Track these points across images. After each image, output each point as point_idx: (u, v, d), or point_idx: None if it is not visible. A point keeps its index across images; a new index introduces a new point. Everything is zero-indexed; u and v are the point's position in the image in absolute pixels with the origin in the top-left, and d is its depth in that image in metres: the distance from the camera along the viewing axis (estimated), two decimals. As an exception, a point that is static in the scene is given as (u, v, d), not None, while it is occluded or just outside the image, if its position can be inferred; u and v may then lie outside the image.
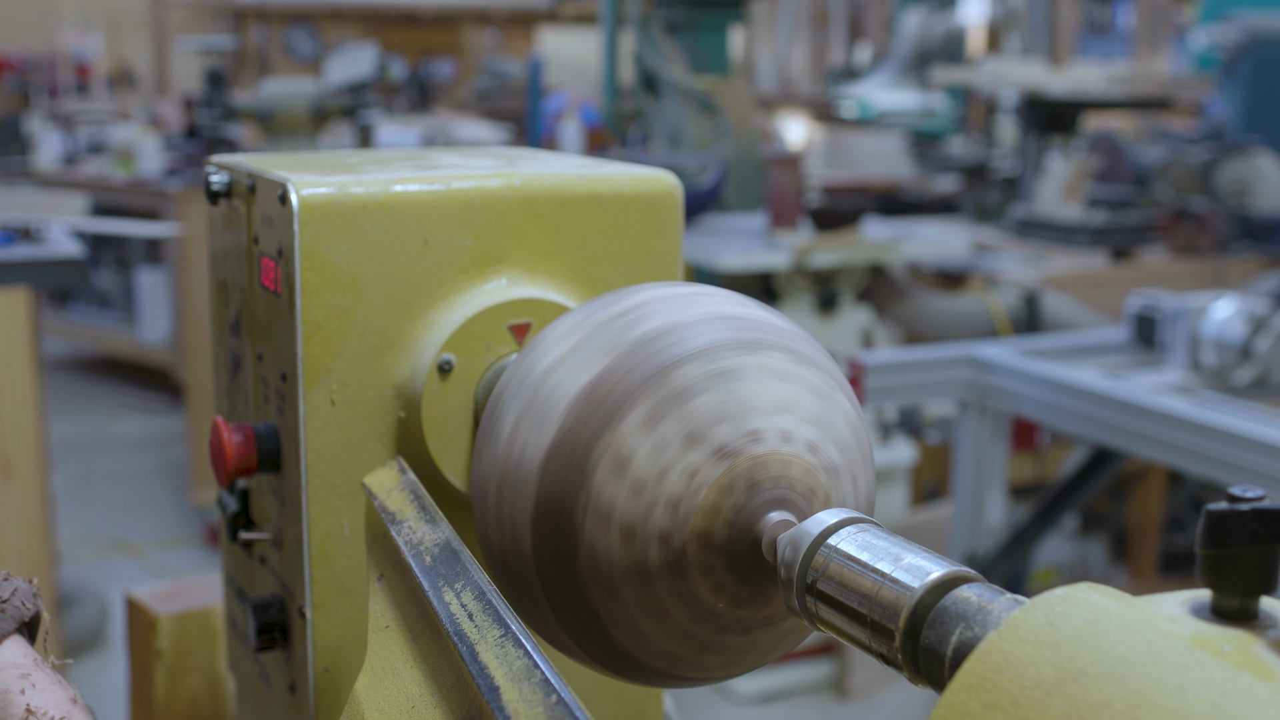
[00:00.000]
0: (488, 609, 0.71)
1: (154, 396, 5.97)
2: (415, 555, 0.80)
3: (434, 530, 0.83)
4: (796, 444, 0.76)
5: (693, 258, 3.33)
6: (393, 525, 0.85)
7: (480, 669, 0.66)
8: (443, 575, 0.77)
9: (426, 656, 0.75)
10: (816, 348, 0.83)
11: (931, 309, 3.56)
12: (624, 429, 0.75)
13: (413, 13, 11.08)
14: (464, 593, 0.74)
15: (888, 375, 2.48)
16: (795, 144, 6.40)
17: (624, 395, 0.76)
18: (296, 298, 0.93)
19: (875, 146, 6.32)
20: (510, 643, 0.67)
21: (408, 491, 0.90)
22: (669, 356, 0.77)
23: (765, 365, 0.78)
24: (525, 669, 0.64)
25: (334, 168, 1.00)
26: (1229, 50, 5.06)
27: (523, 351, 0.85)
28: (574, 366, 0.79)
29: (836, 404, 0.80)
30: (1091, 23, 10.24)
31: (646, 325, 0.79)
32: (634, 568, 0.75)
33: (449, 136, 6.00)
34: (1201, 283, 3.74)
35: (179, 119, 6.35)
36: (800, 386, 0.78)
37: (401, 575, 0.82)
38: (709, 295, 0.83)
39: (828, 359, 0.83)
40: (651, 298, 0.82)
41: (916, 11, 7.30)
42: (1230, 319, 2.45)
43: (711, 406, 0.76)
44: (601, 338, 0.80)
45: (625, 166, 1.06)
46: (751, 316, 0.82)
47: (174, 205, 4.97)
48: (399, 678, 0.76)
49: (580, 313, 0.83)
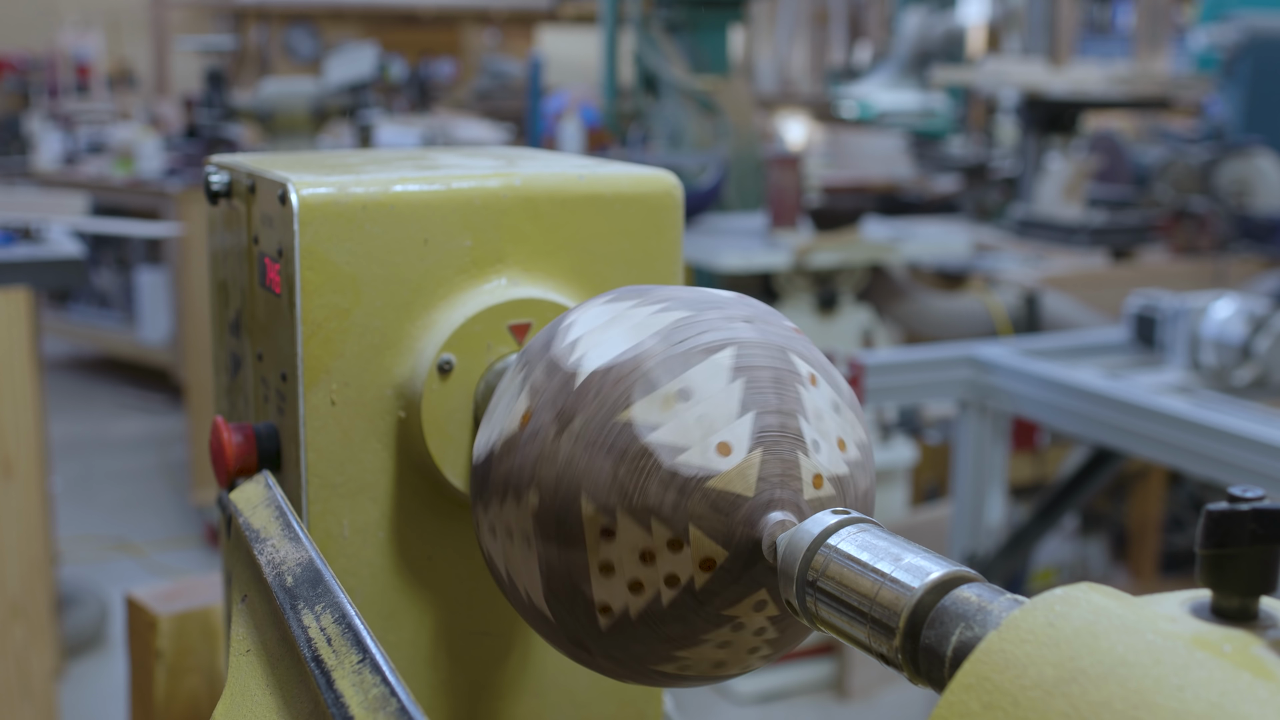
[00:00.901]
0: (347, 632, 0.69)
1: (154, 396, 5.97)
2: (276, 576, 0.77)
3: (296, 549, 0.80)
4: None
5: (693, 258, 3.33)
6: (256, 543, 0.82)
7: (335, 697, 0.64)
8: (304, 597, 0.74)
9: (284, 683, 0.73)
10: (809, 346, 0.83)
11: (931, 309, 3.56)
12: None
13: (413, 13, 11.08)
14: (324, 615, 0.72)
15: (888, 375, 2.48)
16: (795, 144, 6.40)
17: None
18: (296, 298, 0.93)
19: (875, 146, 6.32)
20: (368, 669, 0.65)
21: (273, 508, 0.87)
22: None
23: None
24: (381, 697, 0.63)
25: (334, 168, 1.00)
26: (1229, 50, 5.05)
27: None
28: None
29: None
30: (1091, 23, 10.24)
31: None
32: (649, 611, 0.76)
33: (449, 136, 6.00)
34: (1201, 283, 3.74)
35: (179, 119, 6.35)
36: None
37: (264, 596, 0.79)
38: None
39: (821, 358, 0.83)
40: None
41: (916, 11, 7.30)
42: (1230, 319, 2.45)
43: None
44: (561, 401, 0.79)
45: (625, 166, 1.06)
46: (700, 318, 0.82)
47: (174, 205, 4.97)
48: (256, 704, 0.73)
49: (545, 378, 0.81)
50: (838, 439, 0.79)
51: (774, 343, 0.80)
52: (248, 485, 0.93)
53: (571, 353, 0.80)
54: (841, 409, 0.80)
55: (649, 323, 0.80)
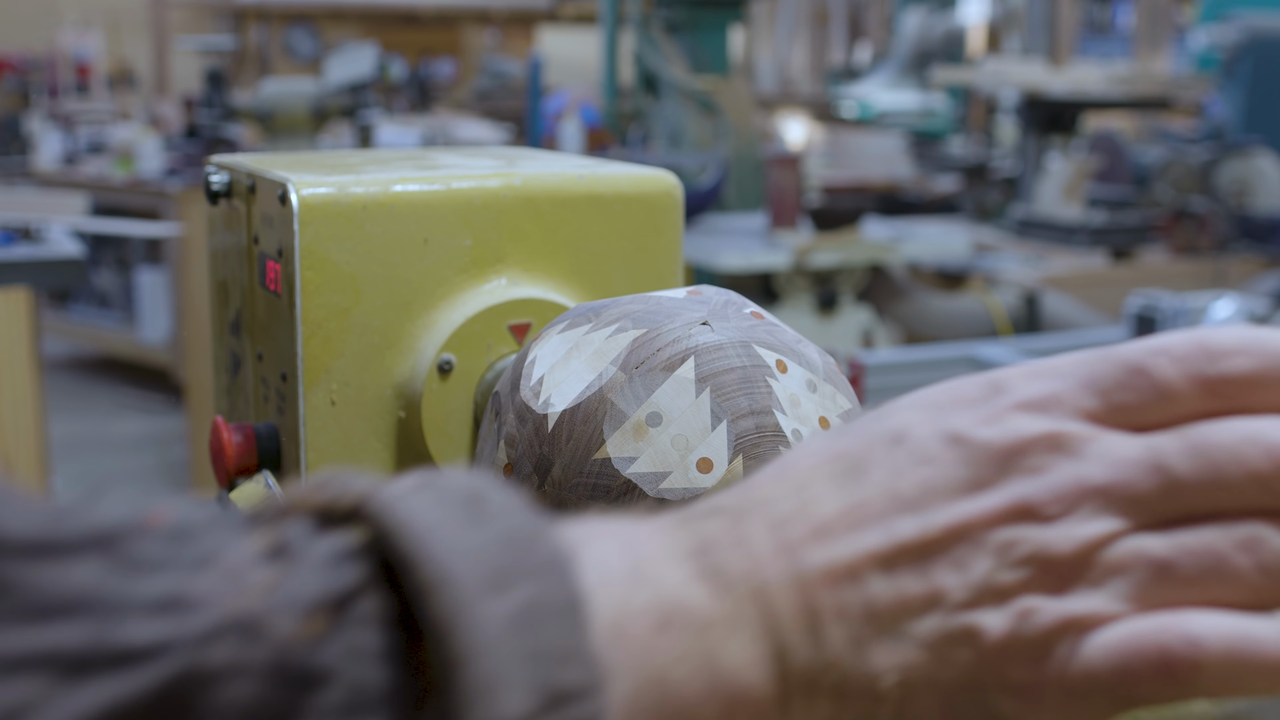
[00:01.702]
0: None
1: (154, 396, 5.97)
2: None
3: None
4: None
5: (693, 257, 3.33)
6: None
7: None
8: None
9: None
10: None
11: (931, 309, 3.56)
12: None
13: (413, 13, 11.09)
14: None
15: (888, 375, 2.48)
16: (795, 144, 6.40)
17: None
18: (296, 298, 0.93)
19: (875, 146, 6.33)
20: None
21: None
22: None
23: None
24: None
25: (334, 168, 1.00)
26: (1229, 50, 5.05)
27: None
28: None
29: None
30: (1091, 23, 10.24)
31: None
32: None
33: (449, 136, 6.00)
34: (1201, 283, 3.74)
35: (179, 119, 6.35)
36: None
37: None
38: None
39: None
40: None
41: (916, 11, 7.30)
42: (1230, 319, 2.45)
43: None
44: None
45: (625, 166, 1.06)
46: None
47: (174, 205, 4.97)
48: None
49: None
50: (819, 418, 0.77)
51: (734, 340, 0.78)
52: (248, 485, 0.93)
53: (539, 394, 0.79)
54: (817, 385, 0.79)
55: (606, 348, 0.79)
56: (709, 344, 0.78)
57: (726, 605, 0.35)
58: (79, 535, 0.30)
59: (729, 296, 0.83)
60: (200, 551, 0.31)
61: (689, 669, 0.34)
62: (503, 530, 0.33)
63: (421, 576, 0.31)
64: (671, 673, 0.34)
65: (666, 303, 0.82)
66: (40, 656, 0.27)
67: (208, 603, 0.29)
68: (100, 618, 0.28)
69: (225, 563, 0.31)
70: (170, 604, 0.29)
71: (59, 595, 0.28)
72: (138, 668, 0.28)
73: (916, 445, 0.38)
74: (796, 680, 0.36)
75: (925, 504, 0.37)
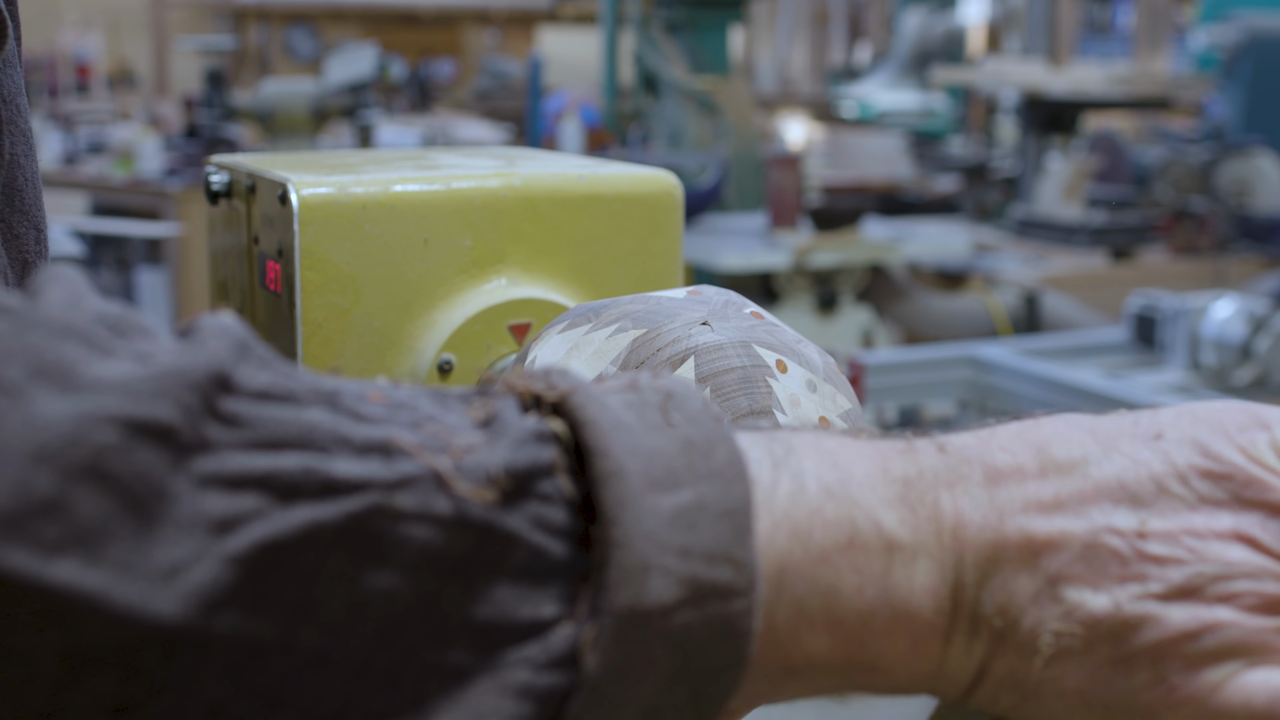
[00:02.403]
0: None
1: (154, 396, 5.96)
2: None
3: None
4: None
5: (693, 258, 3.33)
6: None
7: None
8: None
9: None
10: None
11: (931, 309, 3.56)
12: None
13: (413, 13, 11.09)
14: None
15: (888, 375, 2.48)
16: (795, 144, 6.40)
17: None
18: (296, 298, 0.93)
19: (875, 146, 6.33)
20: None
21: None
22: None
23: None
24: None
25: (334, 168, 1.00)
26: (1229, 50, 5.06)
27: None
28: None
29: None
30: (1091, 23, 10.25)
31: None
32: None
33: (449, 136, 6.00)
34: (1201, 283, 3.74)
35: (179, 119, 6.35)
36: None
37: None
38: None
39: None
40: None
41: (916, 11, 7.31)
42: (1230, 319, 2.45)
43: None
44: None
45: (625, 166, 1.06)
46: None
47: (174, 205, 4.97)
48: None
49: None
50: (819, 418, 0.78)
51: (734, 340, 0.78)
52: None
53: None
54: (817, 384, 0.79)
55: (606, 349, 0.79)
56: (709, 344, 0.78)
57: (919, 534, 0.37)
58: (309, 389, 0.35)
59: (729, 296, 0.83)
60: (416, 416, 0.35)
61: (862, 582, 0.37)
62: (685, 435, 0.36)
63: (600, 467, 0.35)
64: (844, 583, 0.36)
65: (666, 303, 0.82)
66: (261, 477, 0.32)
67: (411, 454, 0.34)
68: (316, 453, 0.33)
69: (437, 425, 0.35)
70: (377, 449, 0.33)
71: (285, 431, 0.33)
72: (339, 499, 0.32)
73: (1166, 447, 0.39)
74: (965, 616, 0.38)
75: (1153, 503, 0.38)
